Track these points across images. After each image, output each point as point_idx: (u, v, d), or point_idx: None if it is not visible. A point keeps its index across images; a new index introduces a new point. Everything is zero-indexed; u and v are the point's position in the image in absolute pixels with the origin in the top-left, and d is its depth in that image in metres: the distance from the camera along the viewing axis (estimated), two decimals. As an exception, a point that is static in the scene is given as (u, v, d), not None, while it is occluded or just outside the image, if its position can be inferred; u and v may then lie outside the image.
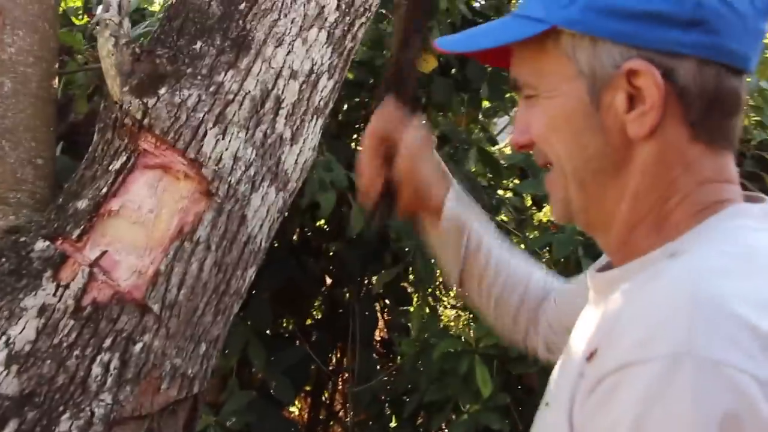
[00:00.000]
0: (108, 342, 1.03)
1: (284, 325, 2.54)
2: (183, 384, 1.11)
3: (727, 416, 0.46)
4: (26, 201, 1.24)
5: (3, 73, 1.30)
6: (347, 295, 2.73)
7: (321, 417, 2.76)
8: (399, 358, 2.45)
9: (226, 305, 1.19)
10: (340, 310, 2.77)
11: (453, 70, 2.32)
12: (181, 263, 1.11)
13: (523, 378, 1.78)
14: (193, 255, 1.12)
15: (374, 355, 2.55)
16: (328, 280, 2.77)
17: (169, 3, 1.36)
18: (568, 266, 1.70)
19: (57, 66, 1.43)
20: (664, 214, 0.62)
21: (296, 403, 2.92)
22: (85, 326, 1.03)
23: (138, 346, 1.05)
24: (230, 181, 1.18)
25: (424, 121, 0.97)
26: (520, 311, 0.99)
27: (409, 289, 2.67)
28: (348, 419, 2.82)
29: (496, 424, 1.64)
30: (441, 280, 2.62)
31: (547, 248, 1.89)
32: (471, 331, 1.75)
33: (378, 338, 2.87)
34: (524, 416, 1.75)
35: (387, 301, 2.72)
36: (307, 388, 2.74)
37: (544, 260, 1.97)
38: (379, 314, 2.73)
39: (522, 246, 2.21)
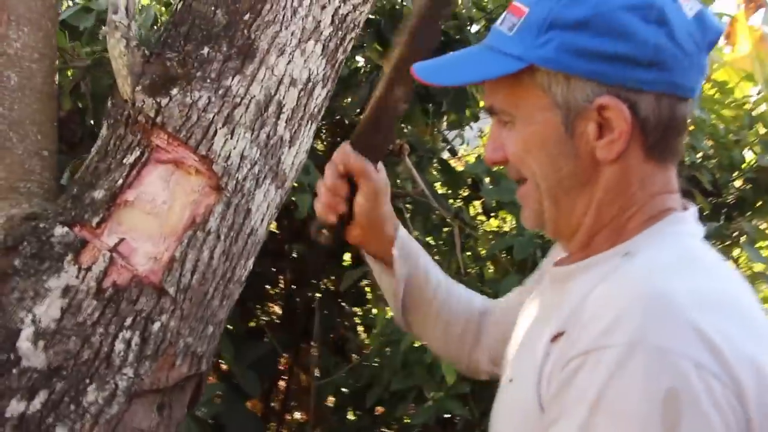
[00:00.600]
0: (129, 321, 1.12)
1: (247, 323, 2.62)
2: (193, 362, 1.20)
3: (669, 392, 0.57)
4: (36, 191, 1.29)
5: (9, 67, 1.35)
6: (303, 296, 2.84)
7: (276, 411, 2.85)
8: (356, 354, 2.57)
9: (231, 291, 1.28)
10: (297, 310, 2.88)
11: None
12: (194, 251, 1.20)
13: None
14: (204, 244, 1.22)
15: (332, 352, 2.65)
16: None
17: (174, 8, 1.44)
18: (525, 267, 1.86)
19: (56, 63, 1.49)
20: (622, 222, 0.75)
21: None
22: (107, 306, 1.11)
23: (156, 326, 1.14)
24: (238, 177, 1.28)
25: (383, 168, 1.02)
26: (466, 328, 1.08)
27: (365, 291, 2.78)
28: (297, 416, 2.93)
29: (458, 411, 1.79)
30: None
31: (505, 251, 2.05)
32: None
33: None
34: (480, 404, 1.91)
35: (342, 303, 2.83)
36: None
37: (501, 263, 2.14)
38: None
39: (480, 249, 2.38)
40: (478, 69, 0.78)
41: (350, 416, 2.40)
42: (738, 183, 2.48)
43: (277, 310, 3.03)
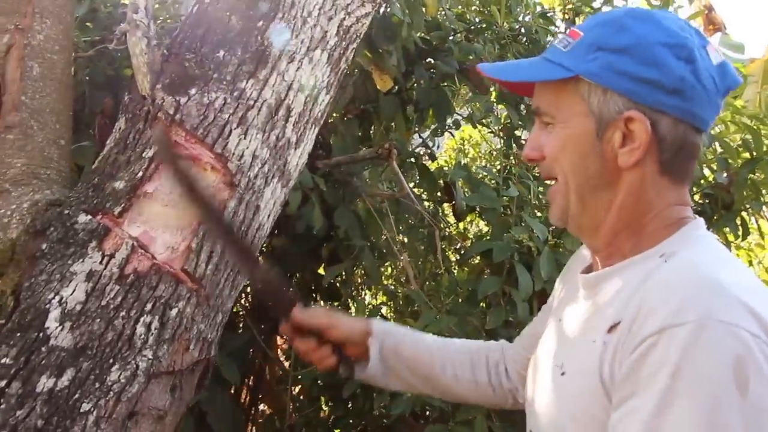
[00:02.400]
0: (149, 306, 1.19)
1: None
2: (203, 347, 1.28)
3: (738, 358, 0.69)
4: (55, 178, 1.36)
5: (33, 57, 1.41)
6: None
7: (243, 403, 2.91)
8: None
9: (239, 282, 1.37)
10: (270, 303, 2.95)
11: (397, 88, 2.59)
12: (208, 243, 1.28)
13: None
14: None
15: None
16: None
17: (191, 10, 1.51)
18: (501, 270, 1.99)
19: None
20: (642, 225, 0.88)
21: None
22: (129, 291, 1.18)
23: (174, 311, 1.21)
24: (249, 175, 1.36)
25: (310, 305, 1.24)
26: (476, 374, 1.25)
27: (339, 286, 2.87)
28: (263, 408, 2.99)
29: (435, 402, 1.90)
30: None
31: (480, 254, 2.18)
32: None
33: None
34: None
35: (317, 296, 2.92)
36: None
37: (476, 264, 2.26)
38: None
39: (449, 251, 2.50)
40: (535, 72, 0.93)
41: (324, 407, 2.49)
42: (697, 197, 2.66)
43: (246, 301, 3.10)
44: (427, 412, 2.29)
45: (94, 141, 2.01)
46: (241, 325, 2.75)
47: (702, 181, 2.74)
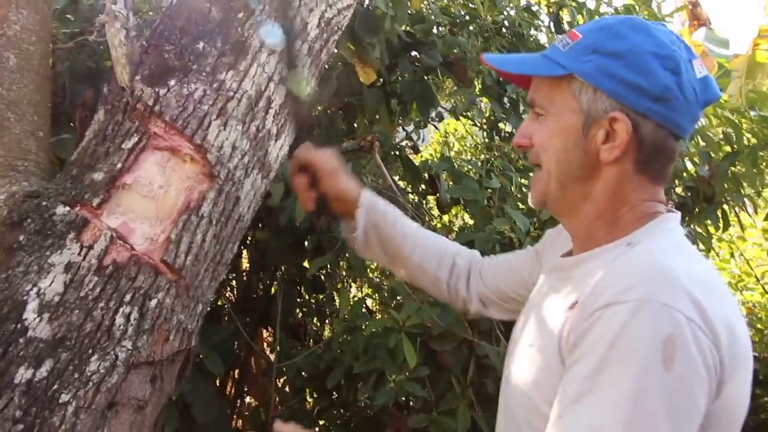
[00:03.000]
0: (128, 297, 1.19)
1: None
2: (184, 337, 1.28)
3: (668, 336, 0.76)
4: (33, 170, 1.35)
5: (8, 48, 1.40)
6: (261, 281, 2.92)
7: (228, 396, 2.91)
8: (320, 337, 2.67)
9: (219, 273, 1.37)
10: (254, 296, 2.95)
11: (381, 81, 2.59)
12: (188, 234, 1.28)
13: (436, 355, 2.06)
14: (198, 227, 1.30)
15: (290, 336, 2.74)
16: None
17: (170, 2, 1.50)
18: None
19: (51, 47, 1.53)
20: (617, 217, 0.95)
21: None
22: (108, 282, 1.18)
23: (153, 302, 1.21)
24: (229, 166, 1.36)
25: (333, 151, 1.35)
26: (440, 268, 1.37)
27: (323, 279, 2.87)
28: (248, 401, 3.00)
29: (418, 392, 1.91)
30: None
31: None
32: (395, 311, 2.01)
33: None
34: (435, 388, 2.04)
35: (301, 290, 2.92)
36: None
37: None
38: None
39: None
40: (534, 67, 1.01)
41: (308, 398, 2.50)
42: (679, 190, 2.69)
43: (231, 294, 3.10)
44: (411, 403, 2.30)
45: (75, 134, 2.00)
46: (225, 318, 2.75)
47: (684, 174, 2.77)
